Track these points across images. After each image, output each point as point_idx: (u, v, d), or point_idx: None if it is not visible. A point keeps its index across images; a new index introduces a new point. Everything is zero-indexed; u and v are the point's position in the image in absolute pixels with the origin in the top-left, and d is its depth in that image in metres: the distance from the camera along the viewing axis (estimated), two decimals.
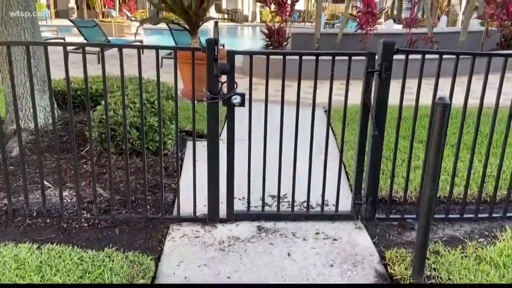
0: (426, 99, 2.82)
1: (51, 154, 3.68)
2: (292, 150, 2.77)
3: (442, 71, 2.63)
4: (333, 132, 4.62)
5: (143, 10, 30.42)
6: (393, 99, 2.68)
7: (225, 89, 2.62)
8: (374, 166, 2.79)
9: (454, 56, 2.66)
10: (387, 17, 23.64)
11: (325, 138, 2.82)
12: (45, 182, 3.13)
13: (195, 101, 2.73)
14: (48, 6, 30.20)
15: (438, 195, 3.11)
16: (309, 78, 2.67)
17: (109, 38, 10.50)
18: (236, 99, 2.61)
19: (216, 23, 2.51)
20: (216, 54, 2.51)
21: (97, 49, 8.17)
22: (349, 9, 11.29)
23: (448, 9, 23.41)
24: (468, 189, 2.96)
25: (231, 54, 2.59)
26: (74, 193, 2.95)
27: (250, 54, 2.70)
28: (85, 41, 10.10)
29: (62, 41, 11.01)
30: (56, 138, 2.74)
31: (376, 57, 2.61)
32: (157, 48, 2.63)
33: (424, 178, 2.25)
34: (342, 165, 3.00)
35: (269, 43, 9.27)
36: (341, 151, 2.89)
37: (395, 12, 26.66)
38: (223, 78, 2.59)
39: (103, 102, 3.88)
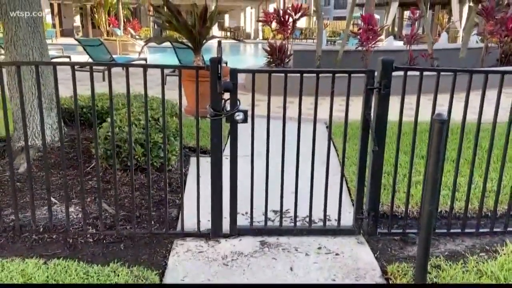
0: (426, 115, 2.87)
1: (58, 171, 3.74)
2: (294, 165, 2.82)
3: (442, 87, 2.70)
4: (335, 147, 4.66)
5: (147, 28, 30.90)
6: (394, 114, 2.73)
7: (228, 106, 2.68)
8: (375, 181, 2.83)
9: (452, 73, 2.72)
10: (388, 33, 23.91)
11: (326, 153, 2.87)
12: (52, 198, 3.18)
13: (199, 118, 2.79)
14: (53, 25, 30.73)
15: (439, 210, 3.14)
16: (310, 94, 2.74)
17: (114, 56, 10.68)
18: (239, 116, 2.67)
19: (219, 43, 2.58)
20: (219, 72, 2.59)
21: (102, 67, 8.30)
22: (350, 26, 11.47)
23: (448, 25, 23.66)
24: (469, 204, 2.99)
25: (234, 72, 2.66)
26: (80, 209, 3.00)
27: (253, 72, 2.78)
28: (90, 59, 10.27)
29: (69, 60, 11.20)
30: (63, 155, 2.80)
31: (376, 73, 2.68)
32: (162, 67, 2.71)
33: (424, 192, 2.29)
34: (344, 180, 3.04)
35: (271, 60, 9.41)
36: (342, 166, 2.93)
37: (396, 29, 26.97)
38: (226, 95, 2.66)
39: (108, 119, 3.96)
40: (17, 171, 3.68)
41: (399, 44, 15.55)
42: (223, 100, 2.67)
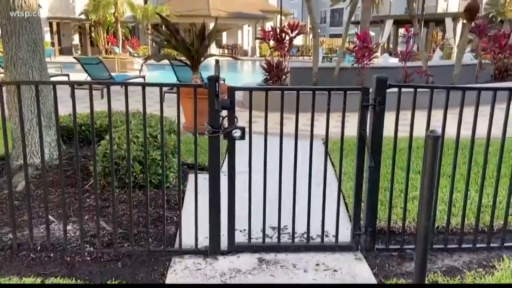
0: (421, 130, 2.91)
1: (55, 189, 3.74)
2: (291, 181, 2.84)
3: (437, 103, 2.75)
4: (332, 163, 4.69)
5: (145, 46, 31.24)
6: (388, 130, 2.77)
7: (226, 123, 2.72)
8: (372, 197, 2.85)
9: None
10: (383, 50, 24.22)
11: (323, 169, 2.90)
12: (49, 217, 3.18)
13: (197, 134, 2.82)
14: (52, 44, 31.01)
15: (436, 226, 3.15)
16: (307, 110, 2.78)
17: (112, 73, 10.76)
18: (237, 133, 2.71)
19: (217, 61, 2.64)
20: (217, 90, 2.63)
21: (100, 85, 8.36)
22: (345, 43, 11.62)
23: (442, 42, 24.00)
24: (466, 219, 3.01)
25: (232, 90, 2.71)
26: (77, 227, 3.00)
27: (250, 90, 2.82)
28: (88, 77, 10.35)
29: (68, 78, 11.28)
30: (61, 173, 2.82)
31: (371, 90, 2.72)
32: (161, 85, 2.75)
33: (420, 209, 2.30)
34: (341, 196, 3.06)
35: (268, 77, 9.50)
36: (340, 182, 2.96)
37: (391, 46, 27.33)
38: (224, 112, 2.70)
39: (107, 137, 3.99)
40: (15, 189, 3.68)
41: (394, 61, 15.74)
42: (221, 118, 2.71)
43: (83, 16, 29.65)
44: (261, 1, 39.66)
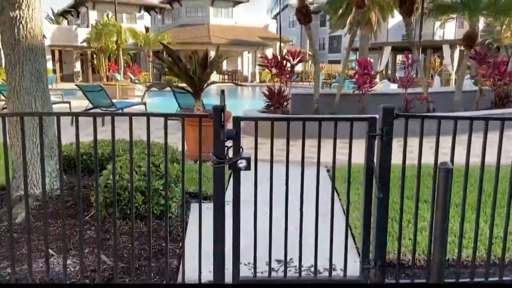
0: (425, 158, 2.86)
1: (55, 220, 3.66)
2: (298, 211, 2.77)
3: (441, 129, 2.72)
4: (337, 192, 4.62)
5: (146, 73, 31.54)
6: (394, 158, 2.72)
7: (230, 153, 2.67)
8: (381, 229, 2.78)
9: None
10: (382, 76, 24.47)
11: (330, 199, 2.83)
12: (49, 250, 3.10)
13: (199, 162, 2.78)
14: (54, 71, 31.34)
15: (446, 258, 3.06)
16: (310, 137, 2.74)
17: (114, 100, 10.79)
18: (242, 163, 2.65)
19: (222, 91, 2.62)
20: (222, 120, 2.60)
21: (103, 112, 8.37)
22: (346, 69, 11.74)
23: (440, 69, 24.28)
24: (477, 252, 2.92)
25: (237, 120, 2.68)
26: (77, 261, 2.91)
27: (255, 120, 2.79)
28: (90, 104, 10.38)
29: (69, 106, 11.31)
30: (62, 205, 2.75)
31: (377, 116, 2.68)
32: (165, 116, 2.72)
33: (432, 242, 2.24)
34: (348, 228, 2.98)
35: (270, 103, 9.53)
36: (347, 214, 2.89)
37: (389, 72, 27.62)
38: (229, 142, 2.66)
39: (108, 167, 3.94)
40: (14, 220, 3.60)
41: (394, 87, 15.87)
42: (226, 148, 2.66)
43: (85, 44, 30.07)
44: (261, 29, 40.38)
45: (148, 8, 39.01)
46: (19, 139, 2.63)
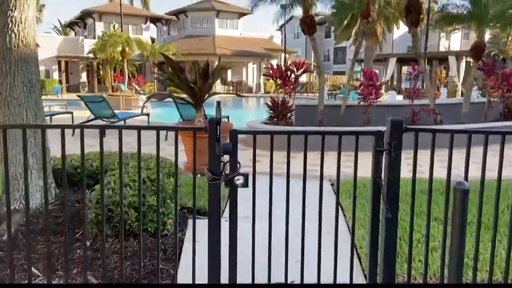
0: (434, 171, 2.65)
1: (44, 238, 3.48)
2: (299, 228, 2.57)
3: (446, 142, 2.52)
4: (341, 208, 4.42)
5: (151, 83, 31.61)
6: (401, 171, 2.52)
7: (227, 169, 2.49)
8: (389, 249, 2.57)
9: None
10: (387, 88, 24.31)
11: (333, 215, 2.63)
12: (34, 270, 2.92)
13: (197, 175, 2.60)
14: (60, 82, 31.51)
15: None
16: (312, 149, 2.55)
17: (116, 111, 10.69)
18: (239, 180, 2.47)
19: (218, 103, 2.45)
20: (218, 134, 2.43)
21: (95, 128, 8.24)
22: (351, 80, 11.58)
23: (447, 80, 24.09)
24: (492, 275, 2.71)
25: (234, 134, 2.50)
26: (64, 282, 2.72)
27: (254, 133, 2.62)
28: (91, 114, 10.29)
29: (72, 116, 11.23)
30: (48, 221, 2.58)
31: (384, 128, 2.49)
32: (157, 128, 2.56)
33: (448, 267, 2.04)
34: (354, 249, 2.78)
35: (273, 115, 9.38)
36: (353, 236, 2.68)
37: (395, 83, 27.47)
38: (226, 157, 2.48)
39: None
40: (1, 238, 3.43)
41: (399, 98, 15.69)
42: (222, 163, 2.49)
43: (91, 55, 30.22)
44: (266, 40, 40.49)
45: (154, 20, 39.30)
46: (2, 152, 2.46)
